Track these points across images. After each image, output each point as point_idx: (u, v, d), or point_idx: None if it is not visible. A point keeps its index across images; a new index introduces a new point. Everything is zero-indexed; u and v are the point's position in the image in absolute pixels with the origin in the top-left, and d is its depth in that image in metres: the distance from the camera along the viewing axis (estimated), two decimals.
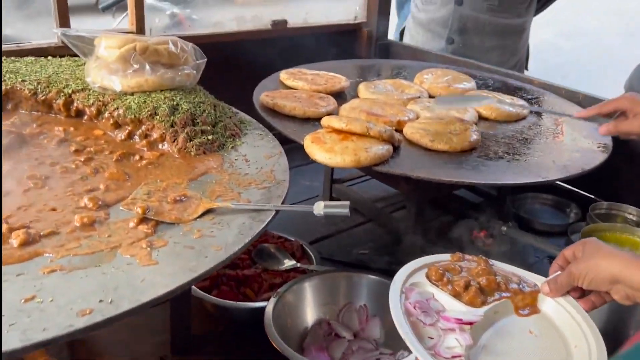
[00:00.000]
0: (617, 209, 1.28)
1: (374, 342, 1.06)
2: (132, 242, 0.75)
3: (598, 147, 1.22)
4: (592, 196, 1.48)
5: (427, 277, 0.82)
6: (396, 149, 1.14)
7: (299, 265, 1.18)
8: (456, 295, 0.78)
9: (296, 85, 1.40)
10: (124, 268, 0.70)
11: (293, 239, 1.26)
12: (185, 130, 1.02)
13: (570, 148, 1.21)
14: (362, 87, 1.43)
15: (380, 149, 1.08)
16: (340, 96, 1.41)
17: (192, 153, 1.00)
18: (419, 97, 1.41)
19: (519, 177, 1.07)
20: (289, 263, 1.19)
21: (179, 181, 0.92)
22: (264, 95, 1.29)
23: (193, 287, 1.05)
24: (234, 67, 1.55)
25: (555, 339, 0.75)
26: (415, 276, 0.82)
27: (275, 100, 1.27)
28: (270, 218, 0.84)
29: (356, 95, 1.43)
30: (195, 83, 1.15)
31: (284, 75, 1.45)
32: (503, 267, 0.85)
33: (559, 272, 0.83)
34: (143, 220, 0.80)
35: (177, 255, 0.73)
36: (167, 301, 1.00)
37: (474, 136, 1.18)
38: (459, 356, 0.69)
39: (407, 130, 1.20)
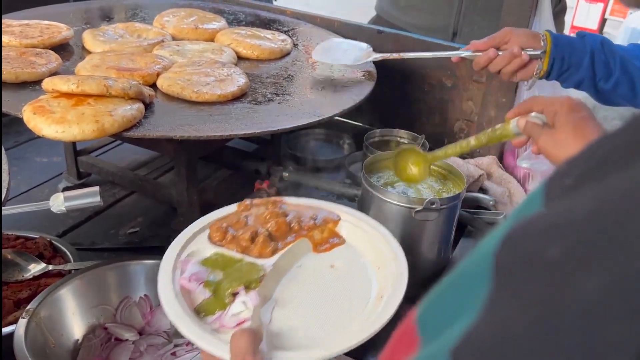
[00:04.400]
0: (388, 135, 1.27)
1: (165, 335, 0.91)
2: None
3: (363, 76, 1.17)
4: (359, 123, 1.47)
5: (210, 239, 0.72)
6: (148, 105, 0.94)
7: (50, 267, 0.94)
8: (244, 251, 0.70)
9: None
10: None
11: (37, 236, 0.99)
12: None
13: (339, 80, 1.14)
14: (88, 36, 1.16)
15: (129, 110, 0.87)
16: (64, 49, 1.13)
17: None
18: (163, 41, 1.20)
19: (295, 120, 0.96)
20: (36, 268, 0.94)
21: None
22: None
23: None
24: None
25: (357, 266, 0.71)
26: (193, 243, 0.71)
27: None
28: None
29: (83, 48, 1.16)
30: None
31: None
32: (298, 203, 0.78)
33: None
34: None
35: None
36: None
37: (242, 80, 1.03)
38: (244, 321, 0.61)
39: (163, 83, 1.00)
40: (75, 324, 0.88)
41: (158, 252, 1.04)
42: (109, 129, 0.83)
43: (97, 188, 0.65)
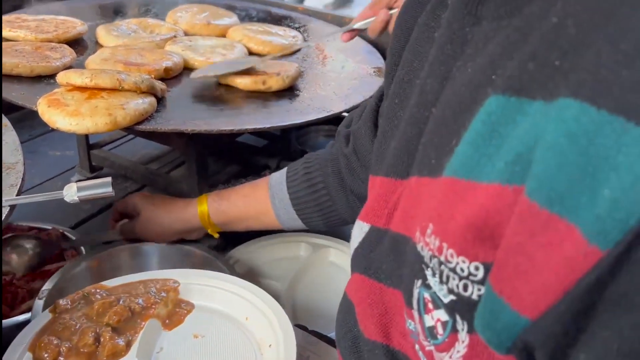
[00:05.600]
0: None
1: None
2: None
3: (374, 72, 1.18)
4: None
5: None
6: (161, 100, 0.95)
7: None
8: (91, 359, 0.58)
9: (16, 36, 1.10)
10: None
11: (49, 227, 1.01)
12: None
13: (349, 76, 1.15)
14: (101, 31, 1.18)
15: (141, 103, 0.88)
16: (79, 44, 1.15)
17: None
18: (175, 37, 1.21)
19: (304, 115, 0.97)
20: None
21: None
22: None
23: None
24: None
25: (223, 325, 0.64)
26: None
27: None
28: (3, 218, 0.62)
29: (97, 43, 1.18)
30: None
31: None
32: (120, 283, 0.70)
33: None
34: None
35: None
36: None
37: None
38: None
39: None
40: None
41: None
42: (121, 122, 0.84)
43: (109, 179, 0.66)
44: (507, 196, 0.35)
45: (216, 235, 0.96)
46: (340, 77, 1.15)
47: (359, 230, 0.57)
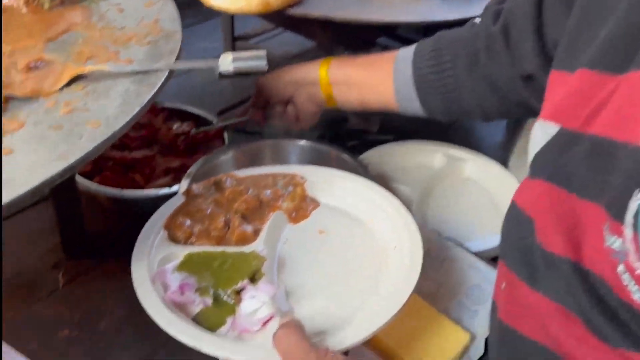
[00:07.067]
0: None
1: None
2: None
3: None
4: None
5: (173, 240, 0.61)
6: None
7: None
8: (221, 242, 0.60)
9: None
10: None
11: (199, 113, 1.04)
12: None
13: None
14: None
15: None
16: None
17: (46, 6, 0.75)
18: None
19: (462, 11, 0.90)
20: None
21: (31, 43, 0.68)
22: None
23: (78, 176, 0.85)
24: None
25: (347, 224, 0.64)
26: (155, 250, 0.59)
27: None
28: (162, 80, 0.64)
29: None
30: None
31: None
32: (248, 175, 0.70)
33: None
34: None
35: (40, 139, 0.54)
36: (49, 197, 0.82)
37: None
38: (270, 318, 0.51)
39: None
40: None
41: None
42: (273, 3, 0.85)
43: (264, 51, 0.66)
44: None
45: (332, 104, 0.88)
46: None
47: (543, 132, 0.50)
